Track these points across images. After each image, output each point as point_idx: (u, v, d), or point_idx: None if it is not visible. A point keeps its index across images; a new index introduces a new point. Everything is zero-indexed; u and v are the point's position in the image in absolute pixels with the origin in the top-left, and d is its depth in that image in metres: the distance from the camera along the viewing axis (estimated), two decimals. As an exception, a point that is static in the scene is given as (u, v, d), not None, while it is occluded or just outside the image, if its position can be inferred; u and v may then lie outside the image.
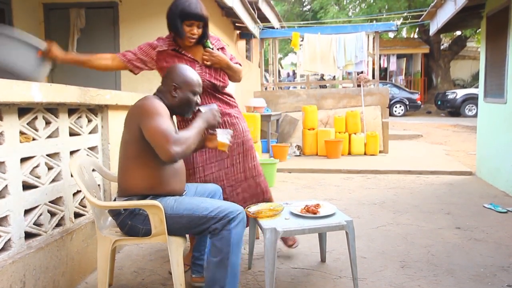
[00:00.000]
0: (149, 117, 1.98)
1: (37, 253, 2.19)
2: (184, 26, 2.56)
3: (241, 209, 2.09)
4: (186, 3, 2.54)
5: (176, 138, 1.94)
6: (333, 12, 18.87)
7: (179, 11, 2.54)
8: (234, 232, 2.02)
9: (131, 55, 2.71)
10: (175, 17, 2.55)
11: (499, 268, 2.81)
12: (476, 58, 20.47)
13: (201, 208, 2.05)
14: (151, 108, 2.02)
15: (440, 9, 6.26)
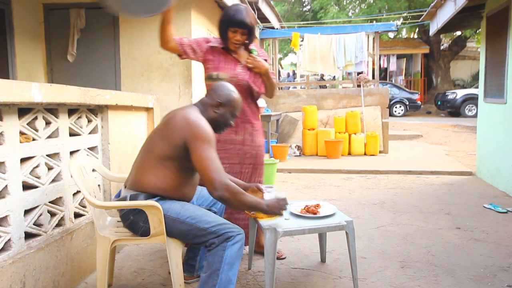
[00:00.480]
0: (201, 143, 2.01)
1: (37, 253, 2.19)
2: (228, 32, 2.75)
3: (242, 231, 2.07)
4: (233, 11, 2.73)
5: (229, 184, 1.97)
6: (333, 12, 18.86)
7: (225, 18, 2.75)
8: (229, 250, 2.00)
9: (185, 41, 2.86)
10: (222, 23, 2.77)
11: (499, 268, 2.81)
12: (476, 59, 20.47)
13: (203, 221, 2.05)
14: (204, 134, 2.04)
15: (440, 9, 6.26)
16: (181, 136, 2.04)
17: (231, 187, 1.96)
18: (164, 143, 2.09)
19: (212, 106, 2.26)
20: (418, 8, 16.67)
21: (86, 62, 5.60)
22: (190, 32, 5.35)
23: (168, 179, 2.12)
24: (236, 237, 2.03)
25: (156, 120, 3.71)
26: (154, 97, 3.68)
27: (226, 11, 2.77)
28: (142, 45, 5.46)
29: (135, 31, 5.47)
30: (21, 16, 5.27)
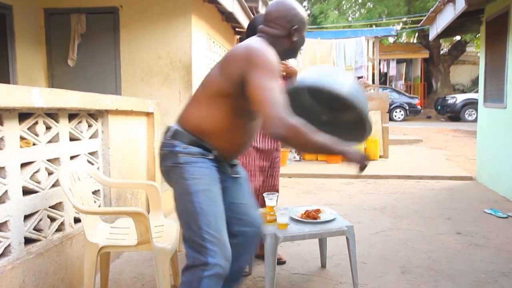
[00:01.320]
0: (260, 72, 1.60)
1: (37, 258, 2.18)
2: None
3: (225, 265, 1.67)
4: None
5: (289, 119, 1.54)
6: (333, 17, 18.91)
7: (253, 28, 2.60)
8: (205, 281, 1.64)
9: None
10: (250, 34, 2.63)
11: (500, 273, 2.80)
12: (476, 63, 20.51)
13: (207, 218, 1.66)
14: (266, 61, 1.63)
15: (440, 14, 6.28)
16: (238, 67, 1.65)
17: (291, 123, 1.53)
18: (219, 77, 1.72)
19: (286, 37, 1.82)
20: (418, 13, 16.73)
21: (87, 66, 5.61)
22: (190, 37, 5.37)
23: (214, 120, 1.72)
24: (214, 268, 1.64)
25: (156, 124, 3.72)
26: (154, 102, 3.68)
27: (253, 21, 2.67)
28: (142, 49, 5.47)
29: (135, 36, 5.48)
30: (22, 21, 5.29)
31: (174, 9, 5.39)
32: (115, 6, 5.50)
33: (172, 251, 2.23)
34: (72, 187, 2.17)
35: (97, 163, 2.91)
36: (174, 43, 5.40)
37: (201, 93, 1.78)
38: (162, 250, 2.11)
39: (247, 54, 1.66)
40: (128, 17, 5.50)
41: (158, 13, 5.41)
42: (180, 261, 2.98)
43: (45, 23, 5.60)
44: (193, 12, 5.42)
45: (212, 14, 6.48)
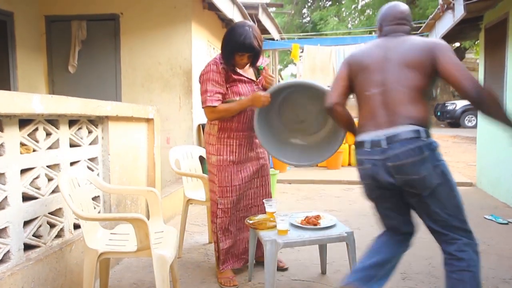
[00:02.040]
0: (451, 53, 1.92)
1: (36, 265, 2.17)
2: (235, 56, 2.63)
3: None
4: (241, 37, 2.58)
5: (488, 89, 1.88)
6: (333, 23, 18.97)
7: (232, 43, 2.60)
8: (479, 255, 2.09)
9: (218, 95, 2.64)
10: (227, 48, 2.64)
11: (501, 280, 2.79)
12: (475, 70, 20.54)
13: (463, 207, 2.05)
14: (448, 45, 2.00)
15: (439, 21, 6.31)
16: (429, 59, 1.93)
17: (489, 90, 1.87)
18: (417, 74, 1.94)
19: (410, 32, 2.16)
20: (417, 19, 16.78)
21: (87, 73, 5.63)
22: (190, 43, 5.39)
23: (426, 110, 1.98)
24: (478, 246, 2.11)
25: (156, 131, 3.72)
26: (154, 108, 3.69)
27: (232, 35, 2.61)
28: (143, 56, 5.49)
29: (136, 42, 5.51)
30: (23, 27, 5.31)
31: (174, 16, 5.42)
32: (115, 13, 5.53)
33: (172, 258, 2.23)
34: (72, 193, 2.17)
35: (97, 169, 2.91)
36: (174, 49, 5.42)
37: (407, 92, 1.95)
38: (162, 257, 2.10)
39: (433, 46, 1.94)
40: (128, 24, 5.53)
41: (158, 20, 5.44)
42: (179, 267, 2.98)
43: (46, 30, 5.63)
44: (193, 19, 5.45)
45: (212, 21, 6.52)
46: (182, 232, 3.36)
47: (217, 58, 2.72)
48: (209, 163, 2.84)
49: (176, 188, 4.65)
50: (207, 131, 2.86)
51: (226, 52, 2.65)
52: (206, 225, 4.03)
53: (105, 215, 2.07)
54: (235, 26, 2.65)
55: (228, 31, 2.66)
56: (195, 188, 3.54)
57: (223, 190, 2.77)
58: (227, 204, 2.77)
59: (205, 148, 2.89)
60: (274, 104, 2.67)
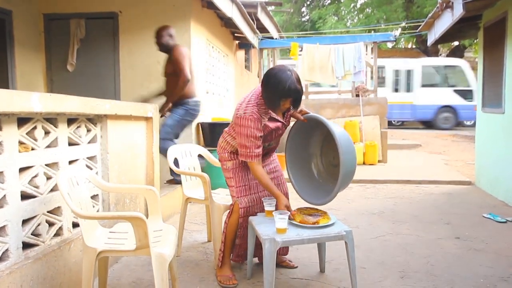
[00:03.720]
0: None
1: (35, 263, 2.17)
2: (281, 101, 2.58)
3: None
4: (287, 83, 2.52)
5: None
6: (332, 22, 18.95)
7: (285, 90, 2.52)
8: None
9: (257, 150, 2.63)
10: (275, 94, 2.56)
11: (499, 278, 2.80)
12: (474, 68, 20.51)
13: None
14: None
15: (438, 19, 6.31)
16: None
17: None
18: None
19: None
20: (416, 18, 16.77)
21: (86, 71, 5.62)
22: (189, 42, 5.38)
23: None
24: None
25: (155, 129, 3.72)
26: (153, 107, 3.69)
27: (277, 81, 2.52)
28: (142, 54, 5.48)
29: (135, 41, 5.50)
30: (21, 26, 5.30)
31: (173, 14, 5.41)
32: (114, 11, 5.52)
33: (171, 256, 2.23)
34: (70, 191, 2.17)
35: (96, 167, 2.91)
36: (173, 48, 5.41)
37: None
38: (161, 255, 2.10)
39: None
40: (127, 22, 5.52)
41: (157, 19, 5.42)
42: (178, 266, 2.98)
43: (45, 28, 5.61)
44: (192, 18, 5.44)
45: (211, 19, 6.51)
46: (181, 231, 3.36)
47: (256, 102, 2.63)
48: (225, 170, 2.84)
49: (175, 187, 4.65)
50: (222, 146, 2.85)
51: (273, 98, 2.57)
52: (205, 224, 4.03)
53: (104, 214, 2.07)
54: (278, 72, 2.56)
55: (271, 77, 2.56)
56: (194, 186, 3.54)
57: (241, 189, 2.77)
58: (247, 202, 2.76)
59: (219, 158, 2.90)
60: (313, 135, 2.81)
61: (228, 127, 2.85)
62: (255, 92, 2.69)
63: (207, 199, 3.22)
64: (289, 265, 3.00)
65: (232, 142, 2.79)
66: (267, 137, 2.71)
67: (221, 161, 2.88)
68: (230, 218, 2.80)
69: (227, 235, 2.82)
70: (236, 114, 2.64)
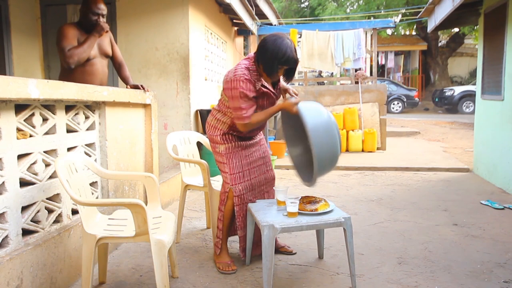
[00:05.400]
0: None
1: (35, 250, 2.18)
2: (279, 69, 2.58)
3: None
4: (287, 50, 2.53)
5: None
6: (331, 8, 18.80)
7: (284, 57, 2.53)
8: None
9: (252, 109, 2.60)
10: (275, 61, 2.54)
11: (495, 264, 2.82)
12: (474, 55, 20.49)
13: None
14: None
15: (438, 6, 6.25)
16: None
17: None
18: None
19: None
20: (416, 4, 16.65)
21: (83, 58, 5.57)
22: (187, 28, 5.34)
23: None
24: None
25: (154, 116, 3.71)
26: (151, 94, 3.67)
27: (276, 47, 2.52)
28: (140, 41, 5.44)
29: (132, 27, 5.45)
30: (17, 12, 5.24)
31: (171, 0, 5.35)
32: (111, -3, 5.46)
33: (170, 243, 2.24)
34: (69, 178, 2.17)
35: (95, 155, 2.91)
36: (171, 34, 5.37)
37: None
38: (160, 242, 2.11)
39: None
40: (124, 8, 5.46)
41: (155, 5, 5.37)
42: (177, 252, 3.00)
43: (41, 14, 5.55)
44: (190, 4, 5.39)
45: (210, 5, 6.45)
46: (180, 218, 3.37)
47: (247, 67, 2.62)
48: (217, 153, 2.79)
49: (174, 174, 4.65)
50: (212, 124, 2.80)
51: (271, 64, 2.55)
52: (204, 211, 4.05)
53: (103, 201, 2.07)
54: (276, 38, 2.57)
55: (269, 43, 2.56)
56: (193, 174, 3.55)
57: (235, 177, 2.74)
58: (242, 190, 2.75)
59: (209, 138, 2.83)
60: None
61: (217, 103, 2.81)
62: (244, 59, 2.69)
63: (206, 186, 3.22)
64: (288, 251, 3.02)
65: (223, 118, 2.73)
66: (258, 102, 2.67)
67: (212, 143, 2.81)
68: (226, 205, 2.79)
69: (224, 222, 2.82)
70: (226, 79, 2.61)
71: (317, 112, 2.50)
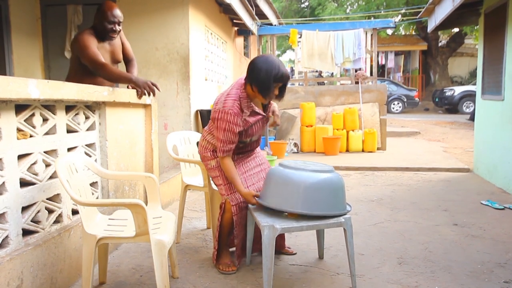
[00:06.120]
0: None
1: (35, 250, 2.18)
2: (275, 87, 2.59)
3: None
4: (281, 66, 2.56)
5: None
6: (331, 8, 18.81)
7: (279, 74, 2.53)
8: None
9: (230, 146, 2.60)
10: (270, 79, 2.53)
11: (496, 264, 2.82)
12: (474, 55, 20.48)
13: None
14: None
15: (438, 6, 6.25)
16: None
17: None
18: None
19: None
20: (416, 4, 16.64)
21: (84, 58, 5.57)
22: (187, 29, 5.34)
23: None
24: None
25: (154, 116, 3.71)
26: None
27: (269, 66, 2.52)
28: (140, 41, 5.44)
29: (132, 27, 5.45)
30: (17, 12, 5.24)
31: (171, 0, 5.35)
32: (111, -3, 5.45)
33: (170, 243, 2.24)
34: (69, 179, 2.17)
35: (95, 155, 2.91)
36: (171, 35, 5.37)
37: None
38: (160, 242, 2.11)
39: None
40: (124, 8, 5.45)
41: (155, 5, 5.37)
42: (178, 252, 3.00)
43: (41, 14, 5.55)
44: (190, 4, 5.39)
45: (210, 5, 6.45)
46: (180, 218, 3.37)
47: (237, 96, 2.60)
48: (210, 169, 2.77)
49: (174, 174, 4.65)
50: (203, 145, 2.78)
51: (267, 83, 2.53)
52: (204, 211, 4.04)
53: (103, 201, 2.07)
54: (266, 57, 2.59)
55: (261, 62, 2.56)
56: (193, 174, 3.55)
57: (230, 186, 2.69)
58: (238, 198, 2.69)
59: (201, 158, 2.81)
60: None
61: (208, 125, 2.81)
62: (234, 86, 2.66)
63: (206, 186, 3.22)
64: (288, 252, 3.01)
65: (212, 140, 2.73)
66: (248, 131, 2.67)
67: (204, 162, 2.80)
68: (224, 217, 2.74)
69: (221, 234, 2.78)
70: (214, 108, 2.61)
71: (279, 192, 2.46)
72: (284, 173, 2.46)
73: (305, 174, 2.41)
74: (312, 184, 2.38)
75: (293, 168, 2.47)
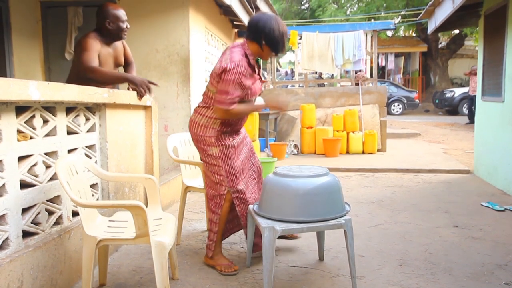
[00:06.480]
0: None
1: (35, 252, 2.18)
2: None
3: None
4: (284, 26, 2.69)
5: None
6: (331, 10, 18.85)
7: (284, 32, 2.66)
8: None
9: (237, 98, 2.59)
10: (284, 36, 2.66)
11: (496, 266, 2.82)
12: (474, 57, 20.48)
13: None
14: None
15: (438, 7, 6.26)
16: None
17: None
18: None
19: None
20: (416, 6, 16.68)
21: (84, 60, 5.57)
22: (188, 30, 5.34)
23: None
24: None
25: (154, 118, 3.71)
26: (152, 96, 3.67)
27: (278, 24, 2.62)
28: (140, 43, 5.44)
29: (132, 29, 5.43)
30: (18, 14, 5.25)
31: (171, 2, 5.36)
32: (112, -1, 5.46)
33: (170, 245, 2.24)
34: (70, 180, 2.17)
35: (95, 156, 2.91)
36: (171, 36, 5.37)
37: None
38: (160, 244, 2.11)
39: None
40: (125, 10, 5.46)
41: (155, 7, 5.37)
42: (178, 254, 3.00)
43: (42, 16, 5.55)
44: (190, 6, 5.39)
45: (210, 7, 6.45)
46: (181, 219, 3.37)
47: (244, 51, 2.65)
48: (210, 155, 2.72)
49: (174, 175, 4.65)
50: (202, 124, 2.71)
51: (282, 40, 2.65)
52: (204, 212, 4.04)
53: (104, 202, 2.07)
54: (270, 16, 2.66)
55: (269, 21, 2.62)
56: (193, 175, 3.54)
57: (232, 178, 2.72)
58: (242, 189, 2.75)
59: (200, 140, 2.74)
60: None
61: (202, 100, 2.78)
62: (234, 49, 2.66)
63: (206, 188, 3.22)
64: (292, 237, 3.02)
65: (213, 115, 2.67)
66: (252, 89, 2.69)
67: (202, 145, 2.73)
68: (223, 208, 2.76)
69: (220, 225, 2.80)
70: (221, 65, 2.56)
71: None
72: (279, 182, 2.47)
73: (300, 181, 2.42)
74: (309, 190, 2.39)
75: (288, 176, 2.47)
